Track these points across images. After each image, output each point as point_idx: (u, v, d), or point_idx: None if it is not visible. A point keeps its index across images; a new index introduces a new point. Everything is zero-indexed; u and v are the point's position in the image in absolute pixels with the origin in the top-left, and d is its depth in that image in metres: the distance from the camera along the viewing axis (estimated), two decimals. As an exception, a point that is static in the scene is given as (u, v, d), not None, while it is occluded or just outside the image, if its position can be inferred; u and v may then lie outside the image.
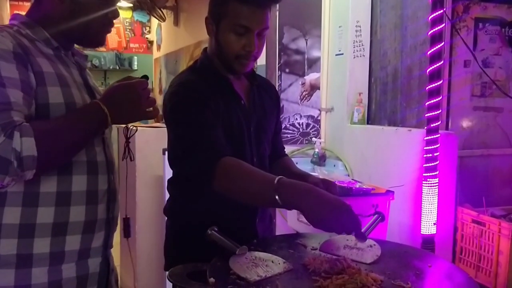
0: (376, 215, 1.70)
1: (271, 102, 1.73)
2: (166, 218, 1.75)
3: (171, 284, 1.33)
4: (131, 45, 9.11)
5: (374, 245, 1.57)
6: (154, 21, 8.39)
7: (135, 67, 9.11)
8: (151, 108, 1.29)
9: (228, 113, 1.53)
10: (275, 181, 1.28)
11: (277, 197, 1.27)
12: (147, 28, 9.05)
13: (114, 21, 1.37)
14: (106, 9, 1.31)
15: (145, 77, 1.31)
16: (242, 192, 1.38)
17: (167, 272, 1.58)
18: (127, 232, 2.67)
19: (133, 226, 3.19)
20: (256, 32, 1.48)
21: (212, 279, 1.26)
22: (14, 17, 1.30)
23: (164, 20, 5.52)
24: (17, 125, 1.07)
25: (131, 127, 1.48)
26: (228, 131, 1.51)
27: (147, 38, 9.08)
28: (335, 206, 1.25)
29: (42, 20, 1.28)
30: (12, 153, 1.05)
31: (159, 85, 8.31)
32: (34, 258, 1.19)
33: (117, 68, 9.02)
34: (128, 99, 1.24)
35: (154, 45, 8.80)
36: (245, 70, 1.57)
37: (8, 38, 1.16)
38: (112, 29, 1.39)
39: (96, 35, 1.34)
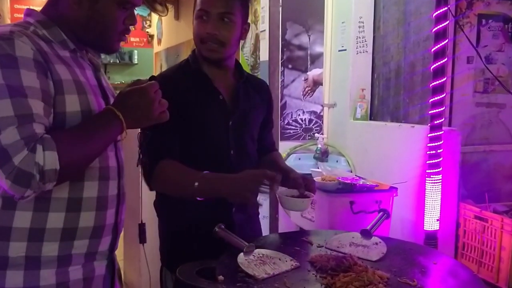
0: (381, 213, 1.72)
1: (260, 100, 1.80)
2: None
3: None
4: (132, 39, 9.09)
5: (380, 242, 1.58)
6: (155, 15, 8.37)
7: (136, 61, 9.11)
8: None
9: (201, 107, 1.63)
10: (201, 174, 1.48)
11: (196, 184, 1.46)
12: (148, 22, 9.02)
13: None
14: (123, 16, 1.29)
15: (153, 78, 1.31)
16: (174, 190, 1.57)
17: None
18: (142, 238, 2.69)
19: (137, 221, 3.20)
20: (218, 16, 1.58)
21: (221, 277, 1.28)
22: (29, 13, 1.27)
23: (166, 14, 5.51)
24: (39, 138, 1.07)
25: (146, 133, 1.48)
26: (199, 124, 1.62)
27: (147, 32, 9.06)
28: (243, 180, 1.45)
29: (58, 20, 1.26)
30: (35, 167, 1.05)
31: (159, 79, 8.28)
32: (42, 260, 1.20)
33: (118, 62, 9.01)
34: (142, 103, 1.23)
35: (155, 39, 8.78)
36: (213, 56, 1.62)
37: (28, 44, 1.14)
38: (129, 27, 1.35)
39: (111, 42, 1.32)
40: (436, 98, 2.29)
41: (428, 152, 2.32)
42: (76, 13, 1.25)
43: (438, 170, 2.30)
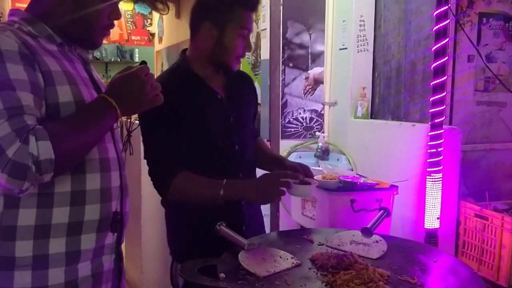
0: (381, 211, 1.73)
1: (249, 91, 1.88)
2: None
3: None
4: (133, 37, 9.09)
5: (380, 240, 1.59)
6: (156, 13, 8.36)
7: (137, 59, 9.10)
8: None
9: (203, 110, 1.66)
10: (223, 182, 1.56)
11: (221, 192, 1.54)
12: (149, 20, 9.02)
13: None
14: (108, 10, 1.28)
15: (144, 63, 1.28)
16: (193, 198, 1.61)
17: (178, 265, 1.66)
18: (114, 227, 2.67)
19: (138, 219, 3.22)
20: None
21: (222, 275, 1.29)
22: (13, 12, 1.27)
23: (167, 13, 5.51)
24: (31, 129, 1.06)
25: (134, 121, 1.48)
26: (203, 126, 1.66)
27: (148, 30, 9.06)
28: (263, 184, 1.59)
29: (42, 16, 1.25)
30: (29, 158, 1.04)
31: (160, 77, 8.29)
32: (50, 259, 1.19)
33: (119, 60, 9.02)
34: (134, 88, 1.22)
35: (156, 37, 8.78)
36: (237, 68, 1.75)
37: (12, 38, 1.12)
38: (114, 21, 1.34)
39: (94, 36, 1.31)
40: (436, 97, 2.30)
41: (429, 151, 2.33)
42: (60, 8, 1.24)
43: (439, 168, 2.30)
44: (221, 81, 1.75)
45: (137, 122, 1.58)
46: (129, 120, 1.50)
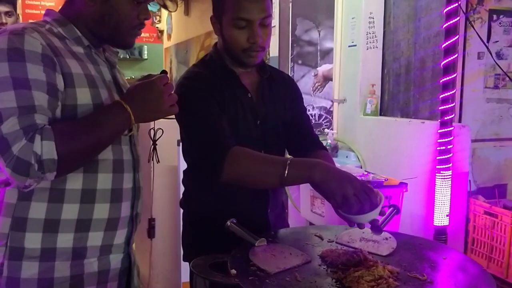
0: (391, 208, 1.73)
1: (286, 94, 1.72)
2: (182, 210, 1.81)
3: (186, 272, 1.38)
4: (141, 34, 9.09)
5: (390, 237, 1.60)
6: (165, 11, 8.38)
7: (145, 56, 9.13)
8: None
9: (233, 105, 1.57)
10: (288, 161, 1.37)
11: (286, 172, 1.35)
12: (157, 17, 9.03)
13: None
14: (137, 11, 1.31)
15: (164, 72, 1.31)
16: (252, 176, 1.43)
17: (185, 262, 1.67)
18: (151, 233, 2.76)
19: (147, 215, 3.24)
20: (258, 22, 1.49)
21: (233, 271, 1.30)
22: (47, 13, 1.31)
23: (175, 10, 5.52)
24: (39, 128, 1.09)
25: (158, 129, 1.49)
26: (232, 122, 1.55)
27: (157, 27, 9.07)
28: (345, 178, 1.32)
29: (74, 18, 1.29)
30: (32, 156, 1.07)
31: (169, 74, 8.32)
32: (57, 252, 1.22)
33: (127, 57, 9.04)
34: (151, 96, 1.24)
35: (165, 34, 8.80)
36: (255, 62, 1.57)
37: (38, 39, 1.16)
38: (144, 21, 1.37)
39: (125, 37, 1.34)
40: (446, 94, 2.30)
41: (438, 148, 2.33)
42: (91, 10, 1.27)
43: (448, 165, 2.31)
44: (254, 78, 1.65)
45: (161, 130, 1.52)
46: (152, 129, 1.52)
